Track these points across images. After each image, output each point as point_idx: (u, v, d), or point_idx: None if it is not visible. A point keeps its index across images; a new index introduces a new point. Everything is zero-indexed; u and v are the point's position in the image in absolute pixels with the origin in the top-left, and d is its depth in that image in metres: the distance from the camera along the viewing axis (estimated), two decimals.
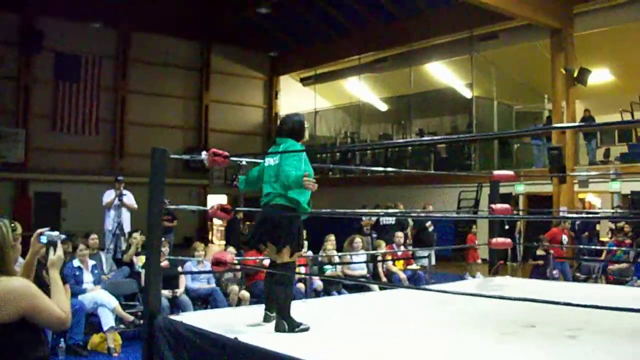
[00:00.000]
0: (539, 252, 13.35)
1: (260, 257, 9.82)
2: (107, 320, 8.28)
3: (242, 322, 5.76)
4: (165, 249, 9.90)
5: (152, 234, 5.95)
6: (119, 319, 8.55)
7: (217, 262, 5.91)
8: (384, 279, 11.79)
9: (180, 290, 9.31)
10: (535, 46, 21.62)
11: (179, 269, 9.73)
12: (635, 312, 3.50)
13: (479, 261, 13.90)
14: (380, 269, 11.98)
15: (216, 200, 25.23)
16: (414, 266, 12.68)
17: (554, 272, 12.82)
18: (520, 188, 20.98)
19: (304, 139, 5.72)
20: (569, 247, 15.06)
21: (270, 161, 5.62)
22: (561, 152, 18.75)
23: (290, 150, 5.42)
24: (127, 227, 13.22)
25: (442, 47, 24.35)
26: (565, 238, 14.57)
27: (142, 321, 6.57)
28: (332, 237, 11.24)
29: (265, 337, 5.07)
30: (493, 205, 8.33)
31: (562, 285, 9.36)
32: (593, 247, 14.19)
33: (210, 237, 27.81)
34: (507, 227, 13.82)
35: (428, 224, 15.44)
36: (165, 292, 8.79)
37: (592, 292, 8.60)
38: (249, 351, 4.77)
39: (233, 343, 4.91)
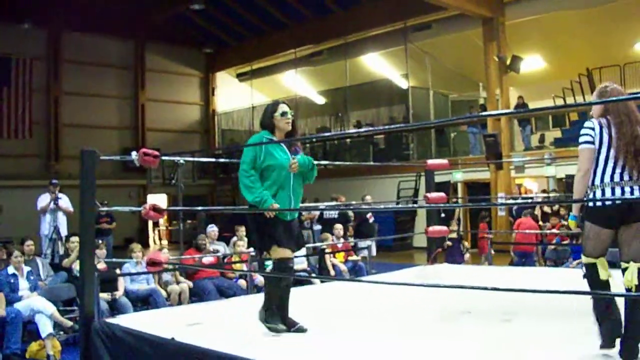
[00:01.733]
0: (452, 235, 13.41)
1: (199, 256, 9.79)
2: (45, 327, 8.13)
3: (181, 321, 5.72)
4: (103, 252, 9.80)
5: (85, 237, 5.88)
6: (57, 325, 8.39)
7: (151, 263, 5.87)
8: (332, 271, 11.81)
9: (119, 293, 9.20)
10: (468, 35, 21.87)
11: (117, 271, 9.61)
12: (563, 293, 3.56)
13: (492, 252, 13.55)
14: (328, 262, 11.97)
15: (155, 199, 25.04)
16: (354, 257, 12.71)
17: (465, 256, 13.24)
18: (458, 176, 21.24)
19: (280, 128, 5.31)
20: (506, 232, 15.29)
21: None
22: (497, 139, 19.03)
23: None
24: (63, 231, 13.01)
25: (377, 38, 24.51)
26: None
27: None
28: None
29: (203, 336, 5.04)
30: (428, 194, 8.43)
31: (499, 270, 9.48)
32: (530, 231, 14.33)
33: (153, 238, 27.59)
34: (442, 215, 13.91)
35: (368, 215, 15.49)
36: (104, 295, 8.70)
37: (528, 275, 8.74)
38: (186, 351, 4.75)
39: (170, 343, 4.88)
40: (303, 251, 11.60)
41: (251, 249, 11.42)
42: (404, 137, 23.99)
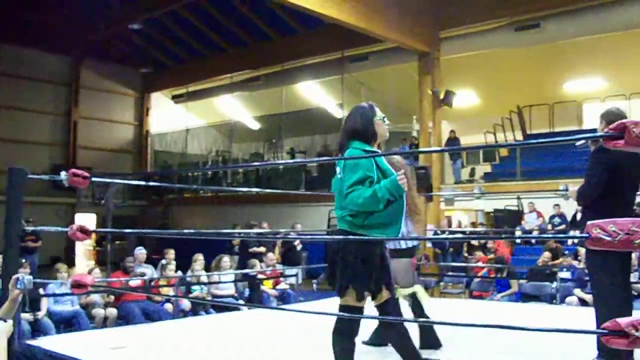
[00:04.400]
0: None
1: (127, 278, 9.68)
2: None
3: (105, 345, 5.67)
4: (26, 271, 9.59)
5: (9, 257, 5.78)
6: None
7: (77, 285, 5.78)
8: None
9: (41, 313, 9.02)
10: (404, 68, 22.16)
11: (41, 290, 9.41)
12: (490, 327, 3.64)
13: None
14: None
15: (85, 219, 24.68)
16: (282, 285, 12.68)
17: None
18: None
19: (381, 135, 4.49)
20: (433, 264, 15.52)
21: (338, 171, 4.42)
22: (428, 171, 19.26)
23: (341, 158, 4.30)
24: None
25: (314, 67, 24.69)
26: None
27: None
28: (200, 257, 11.15)
29: (127, 358, 5.00)
30: None
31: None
32: (456, 263, 14.58)
33: (89, 258, 27.03)
34: None
35: (296, 242, 15.52)
36: (26, 315, 8.51)
37: (456, 307, 8.87)
38: None
39: None
40: (231, 277, 11.58)
41: (179, 273, 11.38)
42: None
